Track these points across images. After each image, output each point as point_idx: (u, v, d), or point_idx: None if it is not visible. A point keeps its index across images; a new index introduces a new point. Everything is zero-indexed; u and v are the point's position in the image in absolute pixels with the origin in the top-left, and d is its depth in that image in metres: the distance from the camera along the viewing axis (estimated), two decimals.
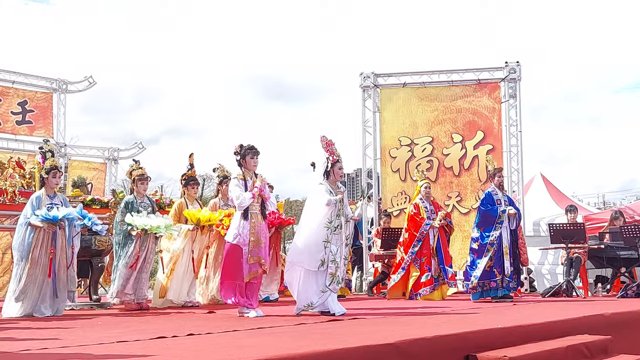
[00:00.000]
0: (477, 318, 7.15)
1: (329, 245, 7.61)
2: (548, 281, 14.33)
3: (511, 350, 5.32)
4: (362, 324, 6.61)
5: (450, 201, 13.91)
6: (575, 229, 11.69)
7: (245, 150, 7.78)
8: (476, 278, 9.98)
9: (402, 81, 14.59)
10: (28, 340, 5.21)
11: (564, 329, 6.42)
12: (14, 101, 15.80)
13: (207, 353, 4.30)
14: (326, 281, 7.61)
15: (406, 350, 4.77)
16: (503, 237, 10.04)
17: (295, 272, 7.81)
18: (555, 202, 16.18)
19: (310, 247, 7.63)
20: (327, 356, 4.27)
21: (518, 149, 13.90)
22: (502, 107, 14.07)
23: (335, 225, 7.74)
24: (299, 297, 7.75)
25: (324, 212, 7.69)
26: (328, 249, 7.60)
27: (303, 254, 7.68)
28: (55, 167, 8.41)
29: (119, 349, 4.55)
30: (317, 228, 7.65)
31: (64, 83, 16.71)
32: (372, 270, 13.88)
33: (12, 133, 15.76)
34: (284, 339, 5.24)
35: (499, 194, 10.33)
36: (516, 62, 14.01)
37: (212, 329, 5.90)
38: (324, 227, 7.64)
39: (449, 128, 14.22)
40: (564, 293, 11.30)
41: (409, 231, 11.10)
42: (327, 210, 7.68)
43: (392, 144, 14.34)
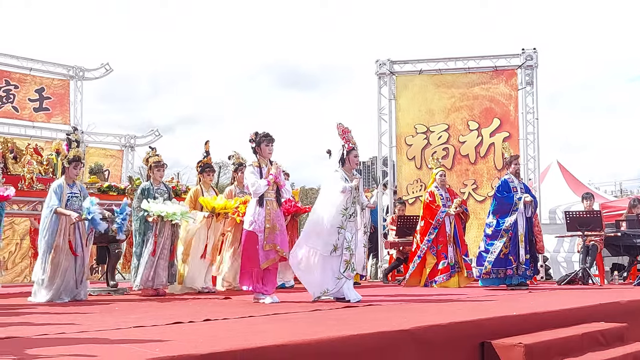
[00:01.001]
0: (493, 305, 7.15)
1: (343, 232, 7.62)
2: (564, 269, 14.29)
3: (526, 338, 5.32)
4: (378, 310, 6.63)
5: (466, 189, 13.87)
6: (591, 216, 11.64)
7: (261, 137, 7.82)
8: (490, 263, 9.97)
9: (418, 68, 14.53)
10: (46, 325, 5.27)
11: (580, 317, 6.42)
12: (31, 88, 15.86)
13: (224, 338, 4.33)
14: (341, 268, 7.64)
15: (421, 337, 4.79)
16: (518, 224, 10.02)
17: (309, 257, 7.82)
18: (571, 189, 16.13)
19: (324, 231, 7.65)
20: (342, 342, 4.30)
21: (534, 137, 13.82)
22: (518, 94, 13.98)
23: (350, 213, 7.75)
24: (316, 284, 7.77)
25: (340, 199, 7.70)
26: (342, 235, 7.61)
27: (316, 238, 7.69)
28: (78, 159, 8.44)
29: (136, 333, 4.59)
30: (333, 213, 7.66)
31: (80, 70, 16.74)
32: (387, 258, 13.88)
33: (30, 120, 15.83)
34: (299, 324, 5.27)
35: (515, 181, 10.30)
36: (533, 49, 13.91)
37: (229, 315, 5.94)
38: (339, 213, 7.66)
39: (465, 115, 14.15)
40: (580, 281, 11.27)
41: (424, 219, 11.09)
42: (342, 197, 7.69)
43: (408, 132, 14.30)
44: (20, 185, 9.77)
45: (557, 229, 13.80)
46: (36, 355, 3.65)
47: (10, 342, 4.23)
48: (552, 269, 14.41)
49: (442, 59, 14.52)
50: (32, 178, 10.00)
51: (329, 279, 7.64)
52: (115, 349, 3.87)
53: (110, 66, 17.08)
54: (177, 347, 3.83)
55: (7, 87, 15.49)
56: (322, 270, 7.71)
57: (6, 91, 15.47)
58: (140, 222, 9.14)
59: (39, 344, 4.08)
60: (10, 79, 15.56)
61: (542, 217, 13.68)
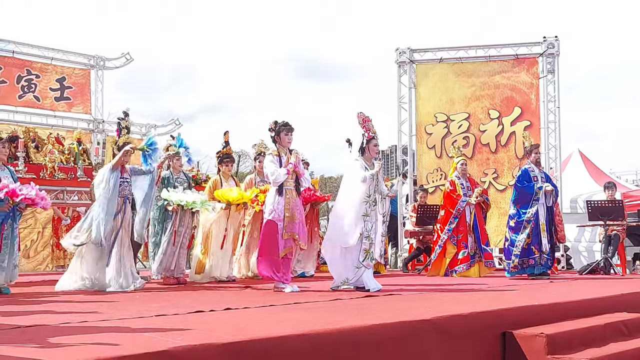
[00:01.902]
0: (514, 295, 7.13)
1: (369, 219, 7.63)
2: (585, 258, 14.21)
3: (548, 328, 5.30)
4: (398, 300, 6.62)
5: (486, 178, 13.81)
6: (613, 206, 11.56)
7: (280, 126, 7.82)
8: (517, 257, 9.92)
9: (438, 57, 14.46)
10: (68, 313, 5.30)
11: (602, 307, 6.38)
12: (52, 78, 15.94)
13: (245, 328, 4.34)
14: (360, 257, 7.64)
15: (443, 327, 4.78)
16: (540, 213, 9.95)
17: (333, 249, 7.84)
18: (593, 178, 16.01)
19: (349, 223, 7.64)
20: (364, 331, 4.30)
21: (556, 125, 13.73)
22: (540, 82, 13.88)
23: (372, 200, 7.76)
24: (337, 273, 7.79)
25: (361, 189, 7.70)
26: (368, 223, 7.62)
27: (342, 231, 7.69)
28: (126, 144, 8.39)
29: (158, 322, 4.61)
30: (357, 203, 7.67)
31: (101, 60, 16.80)
32: (407, 247, 13.86)
33: (51, 109, 15.91)
34: (320, 314, 5.27)
35: (535, 170, 10.23)
36: (555, 37, 13.81)
37: (249, 304, 5.96)
38: (363, 202, 7.66)
39: (486, 104, 14.08)
40: (602, 270, 11.21)
41: (445, 208, 11.05)
42: (364, 187, 7.69)
43: (428, 121, 14.24)
44: (42, 174, 9.85)
45: (579, 219, 13.72)
46: (59, 343, 3.67)
47: (33, 330, 4.26)
48: (573, 259, 14.33)
49: (462, 47, 14.44)
50: (53, 167, 10.06)
51: (349, 268, 7.65)
52: (137, 338, 3.89)
53: (130, 55, 17.13)
54: (199, 336, 3.84)
55: (29, 77, 15.57)
56: (342, 260, 7.73)
57: (28, 81, 15.56)
58: (160, 211, 9.19)
59: (61, 332, 4.11)
60: (32, 69, 15.65)
61: (563, 206, 13.61)
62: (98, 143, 15.74)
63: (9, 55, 15.37)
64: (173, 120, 18.66)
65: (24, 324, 4.49)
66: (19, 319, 4.79)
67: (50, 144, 10.92)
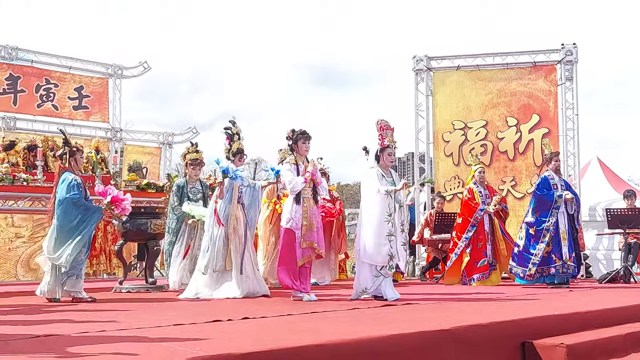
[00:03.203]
0: (534, 304, 7.07)
1: (394, 239, 7.58)
2: (604, 267, 14.08)
3: (568, 338, 5.25)
4: (416, 309, 6.59)
5: (504, 186, 13.73)
6: (633, 214, 11.46)
7: (297, 135, 7.81)
8: (534, 265, 9.82)
9: (455, 64, 14.41)
10: (86, 322, 5.31)
11: (623, 316, 6.31)
12: (70, 87, 16.05)
13: (263, 337, 4.33)
14: (378, 266, 7.60)
15: (462, 337, 4.74)
16: (560, 222, 9.88)
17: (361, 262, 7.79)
18: (612, 186, 15.87)
19: (377, 242, 7.58)
20: (382, 341, 4.27)
21: (574, 133, 13.64)
22: (558, 90, 13.81)
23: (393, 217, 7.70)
24: (355, 283, 7.76)
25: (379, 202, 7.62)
26: (394, 242, 7.57)
27: (371, 251, 7.64)
28: (241, 151, 8.43)
29: (175, 332, 4.60)
30: (377, 221, 7.61)
31: (119, 68, 16.91)
32: (424, 255, 13.80)
33: (69, 118, 16.01)
34: (338, 324, 5.25)
35: (555, 178, 10.16)
36: (573, 44, 13.73)
37: (267, 313, 5.94)
38: (384, 220, 7.59)
39: (504, 111, 14.01)
40: (622, 279, 11.11)
41: (462, 216, 11.00)
42: (383, 202, 7.60)
43: (445, 128, 14.19)
44: None
45: (598, 226, 13.61)
46: (77, 353, 3.67)
47: (51, 339, 4.27)
48: (592, 267, 14.22)
49: (479, 55, 14.39)
50: None
51: (368, 278, 7.62)
52: (155, 348, 3.89)
53: (148, 64, 17.23)
54: (217, 346, 3.83)
55: (47, 86, 15.70)
56: (360, 270, 7.72)
57: (46, 89, 15.68)
58: (177, 221, 9.16)
59: (80, 342, 4.11)
60: (51, 78, 15.77)
61: (582, 214, 13.49)
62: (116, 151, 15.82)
63: (28, 64, 15.51)
64: (190, 129, 18.73)
65: (42, 333, 4.50)
66: (38, 328, 4.80)
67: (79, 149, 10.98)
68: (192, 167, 9.20)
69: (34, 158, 10.14)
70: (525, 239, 10.08)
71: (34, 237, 14.15)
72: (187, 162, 9.29)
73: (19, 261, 14.05)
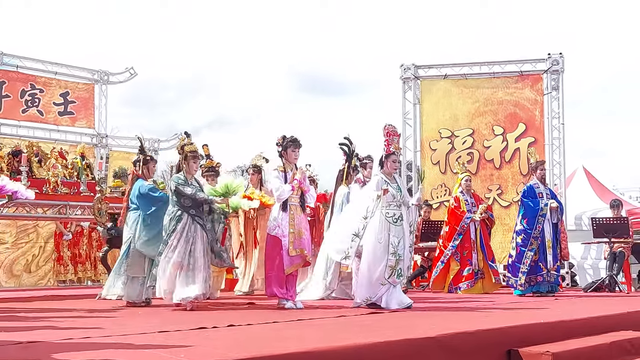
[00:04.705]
0: (519, 313, 7.08)
1: (357, 240, 7.46)
2: (590, 276, 14.11)
3: (554, 346, 5.25)
4: (403, 317, 6.57)
5: (490, 194, 13.76)
6: (618, 223, 11.50)
7: (288, 142, 7.71)
8: (524, 274, 9.83)
9: (442, 73, 14.46)
10: (71, 329, 5.26)
11: (608, 325, 6.32)
12: (56, 92, 15.96)
13: (248, 345, 4.31)
14: (385, 274, 7.41)
15: (448, 344, 4.73)
16: (545, 230, 9.91)
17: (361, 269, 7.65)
18: (597, 195, 15.95)
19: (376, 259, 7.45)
20: (368, 349, 4.25)
21: (560, 142, 13.70)
22: (544, 99, 13.87)
23: (397, 217, 7.61)
24: (359, 290, 7.63)
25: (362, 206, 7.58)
26: (355, 243, 7.45)
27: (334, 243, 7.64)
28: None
29: (160, 339, 4.57)
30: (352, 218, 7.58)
31: (105, 74, 16.83)
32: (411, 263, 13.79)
33: (55, 124, 15.91)
34: (324, 331, 5.23)
35: (540, 187, 10.19)
36: (559, 54, 13.80)
37: (252, 321, 5.91)
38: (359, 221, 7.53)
39: (490, 120, 14.06)
40: (607, 288, 11.14)
41: (449, 224, 11.00)
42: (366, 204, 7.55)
43: (433, 136, 14.22)
44: (44, 189, 9.80)
45: (583, 235, 13.65)
46: None
47: (35, 346, 4.23)
48: (578, 276, 14.26)
49: (466, 64, 14.44)
50: (56, 182, 10.03)
51: (375, 286, 7.45)
52: (140, 355, 3.86)
53: (134, 70, 17.15)
54: (202, 353, 3.81)
55: (33, 91, 15.59)
56: (364, 277, 7.53)
57: (31, 95, 15.57)
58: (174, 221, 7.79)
59: (64, 348, 4.08)
60: (36, 83, 15.67)
61: (568, 223, 13.55)
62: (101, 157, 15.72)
63: (13, 69, 15.39)
64: (177, 135, 18.64)
65: (25, 339, 4.45)
66: (21, 335, 4.76)
67: (53, 158, 10.90)
68: (193, 161, 8.02)
69: (18, 164, 10.03)
70: (515, 248, 10.09)
71: (17, 243, 14.09)
72: (187, 154, 8.06)
73: (2, 267, 13.96)
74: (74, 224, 14.14)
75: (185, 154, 8.04)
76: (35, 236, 14.45)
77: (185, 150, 8.07)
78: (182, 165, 8.02)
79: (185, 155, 8.03)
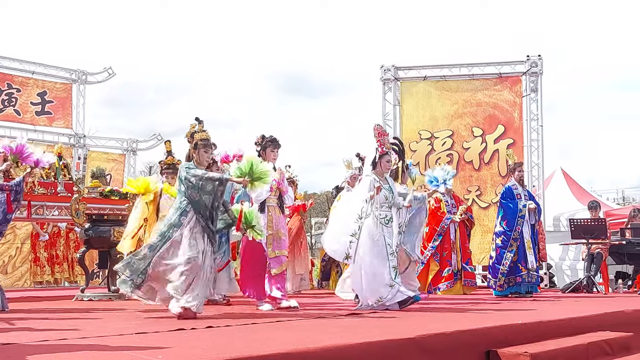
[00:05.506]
0: (498, 313, 7.09)
1: (355, 241, 7.40)
2: (568, 277, 14.22)
3: (532, 347, 5.27)
4: (382, 318, 6.56)
5: (469, 195, 13.82)
6: (596, 224, 11.59)
7: (267, 142, 7.64)
8: (503, 275, 9.87)
9: (422, 74, 14.50)
10: (47, 330, 5.21)
11: (585, 326, 6.36)
12: (33, 92, 15.85)
13: (226, 346, 4.28)
14: (391, 274, 7.35)
15: (426, 345, 4.73)
16: (524, 231, 9.96)
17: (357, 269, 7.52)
18: (575, 197, 16.07)
19: (337, 236, 7.49)
20: (347, 350, 4.24)
21: (539, 144, 13.79)
22: (523, 101, 13.95)
23: (388, 219, 7.59)
24: (365, 294, 7.48)
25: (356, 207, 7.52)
26: (354, 244, 7.38)
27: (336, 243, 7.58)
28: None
29: (138, 340, 4.53)
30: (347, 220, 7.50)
31: (83, 74, 16.74)
32: None
33: (32, 124, 15.81)
34: (304, 332, 5.21)
35: (519, 188, 10.24)
36: (538, 56, 13.88)
37: (231, 322, 5.88)
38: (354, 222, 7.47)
39: (469, 122, 14.12)
40: (585, 289, 11.21)
41: (429, 225, 11.01)
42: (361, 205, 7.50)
43: (412, 138, 14.26)
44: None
45: (561, 237, 13.75)
46: None
47: (10, 348, 4.18)
48: (556, 277, 14.35)
49: (446, 66, 14.49)
50: (33, 182, 9.93)
51: (384, 288, 7.36)
52: (116, 357, 3.82)
53: (113, 70, 17.09)
54: (180, 355, 3.78)
55: (9, 91, 15.48)
56: (374, 279, 7.40)
57: (8, 94, 15.46)
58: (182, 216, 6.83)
59: (40, 350, 4.03)
60: (13, 82, 15.55)
61: (546, 224, 13.64)
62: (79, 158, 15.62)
63: None
64: (155, 136, 18.59)
65: (1, 341, 4.40)
66: None
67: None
68: (205, 149, 7.02)
69: None
70: (495, 249, 10.13)
71: None
72: (197, 142, 7.09)
73: None
74: (51, 224, 14.03)
75: (196, 142, 7.11)
76: (12, 237, 14.32)
77: (195, 138, 7.15)
78: (192, 155, 7.10)
79: (195, 144, 7.11)
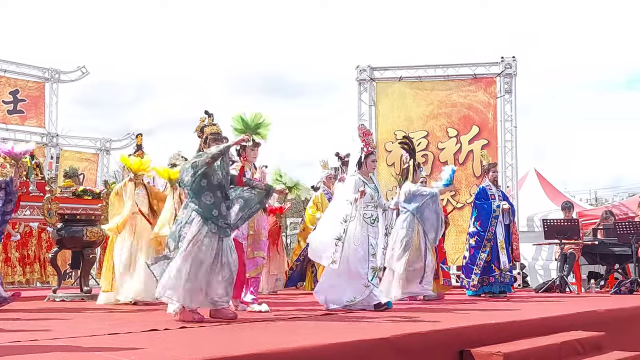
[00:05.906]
0: (471, 313, 7.13)
1: (341, 245, 7.30)
2: (541, 277, 14.33)
3: (505, 346, 5.30)
4: (356, 317, 6.57)
5: (444, 195, 13.83)
6: (569, 224, 11.68)
7: None
8: (477, 275, 9.90)
9: (398, 75, 14.51)
10: (18, 331, 5.15)
11: (558, 325, 6.41)
12: (5, 90, 15.68)
13: (200, 347, 4.26)
14: (368, 275, 7.36)
15: (400, 345, 4.74)
16: (498, 232, 10.00)
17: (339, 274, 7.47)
18: (549, 197, 16.19)
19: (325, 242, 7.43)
20: (321, 350, 4.24)
21: (513, 144, 13.86)
22: (497, 102, 14.01)
23: (374, 218, 7.60)
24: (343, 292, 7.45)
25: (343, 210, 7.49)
26: (339, 247, 7.34)
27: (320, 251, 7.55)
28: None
29: (110, 341, 4.50)
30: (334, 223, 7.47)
31: (56, 72, 16.59)
32: None
33: (3, 122, 15.64)
34: (278, 332, 5.20)
35: (493, 189, 10.28)
36: (512, 58, 13.95)
37: (205, 323, 5.85)
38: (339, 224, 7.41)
39: (444, 122, 14.16)
40: (557, 289, 11.29)
41: None
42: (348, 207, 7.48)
43: (388, 138, 14.27)
44: None
45: (535, 237, 13.84)
46: None
47: None
48: (529, 277, 14.45)
49: (421, 66, 14.51)
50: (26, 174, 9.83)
51: (357, 289, 7.38)
52: (89, 358, 3.78)
53: (86, 69, 16.96)
54: (153, 355, 3.75)
55: None
56: (348, 279, 7.42)
57: None
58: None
59: (11, 351, 3.98)
60: None
61: (520, 224, 13.72)
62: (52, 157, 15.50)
63: None
64: (129, 135, 18.47)
65: None
66: None
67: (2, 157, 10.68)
68: (215, 144, 6.60)
69: None
70: (469, 250, 10.17)
71: None
72: (207, 136, 6.73)
73: None
74: (23, 224, 13.87)
75: (206, 136, 6.77)
76: None
77: (205, 132, 6.80)
78: (203, 149, 6.71)
79: (205, 138, 6.77)
